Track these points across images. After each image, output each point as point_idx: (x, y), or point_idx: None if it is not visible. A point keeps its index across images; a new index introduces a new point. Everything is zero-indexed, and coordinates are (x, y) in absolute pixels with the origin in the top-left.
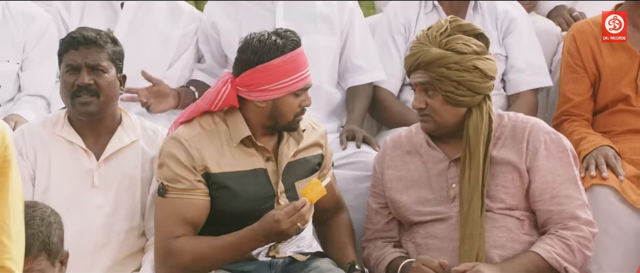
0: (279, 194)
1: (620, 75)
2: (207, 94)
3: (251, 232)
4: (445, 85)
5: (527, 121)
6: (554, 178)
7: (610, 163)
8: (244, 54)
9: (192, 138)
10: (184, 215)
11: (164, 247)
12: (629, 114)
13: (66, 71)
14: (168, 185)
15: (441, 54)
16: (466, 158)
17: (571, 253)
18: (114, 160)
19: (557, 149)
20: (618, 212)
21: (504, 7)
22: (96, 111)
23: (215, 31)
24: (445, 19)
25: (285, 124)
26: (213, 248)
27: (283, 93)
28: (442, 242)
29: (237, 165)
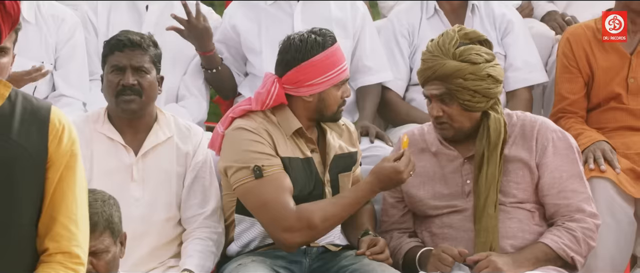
0: (325, 182)
1: (611, 75)
2: (258, 96)
3: (369, 185)
4: (463, 95)
5: (536, 120)
6: (561, 174)
7: (607, 157)
8: (288, 54)
9: (258, 126)
10: (288, 187)
11: (290, 217)
12: (621, 111)
13: (111, 71)
14: (263, 166)
15: (458, 66)
16: (484, 157)
17: (577, 244)
18: (151, 155)
19: (564, 147)
20: (614, 203)
21: (500, 10)
22: (138, 109)
23: (235, 33)
24: (453, 29)
25: (330, 115)
26: (338, 206)
27: (327, 86)
28: (457, 232)
29: (292, 153)
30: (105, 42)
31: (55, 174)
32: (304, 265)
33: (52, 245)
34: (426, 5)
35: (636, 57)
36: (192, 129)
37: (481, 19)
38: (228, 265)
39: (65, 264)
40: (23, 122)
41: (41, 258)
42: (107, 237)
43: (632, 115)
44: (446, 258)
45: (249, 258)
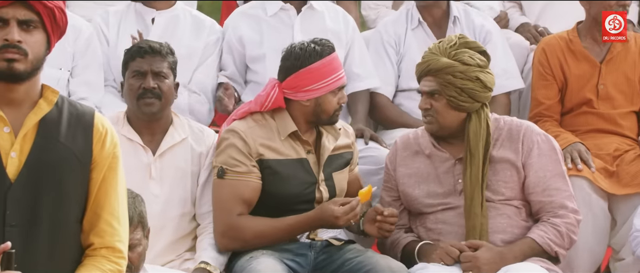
0: (319, 181)
1: (583, 82)
2: (258, 98)
3: (308, 219)
4: (450, 91)
5: (521, 124)
6: (545, 173)
7: (583, 157)
8: (288, 60)
9: (247, 130)
10: (241, 195)
11: (227, 223)
12: (592, 115)
13: (133, 76)
14: (227, 169)
15: (449, 63)
16: (467, 159)
17: (561, 238)
18: (168, 155)
19: (548, 148)
20: (591, 199)
21: (480, 21)
22: (158, 111)
23: (240, 45)
24: (456, 35)
25: (326, 119)
26: (273, 228)
27: (324, 91)
28: (451, 227)
29: (286, 154)
30: (127, 50)
31: (99, 174)
32: (309, 257)
33: (96, 240)
34: (411, 17)
35: (605, 66)
36: (205, 131)
37: (462, 30)
38: (240, 257)
39: (109, 258)
40: (69, 126)
41: (86, 252)
42: (139, 231)
43: (602, 119)
44: (453, 251)
45: (259, 251)
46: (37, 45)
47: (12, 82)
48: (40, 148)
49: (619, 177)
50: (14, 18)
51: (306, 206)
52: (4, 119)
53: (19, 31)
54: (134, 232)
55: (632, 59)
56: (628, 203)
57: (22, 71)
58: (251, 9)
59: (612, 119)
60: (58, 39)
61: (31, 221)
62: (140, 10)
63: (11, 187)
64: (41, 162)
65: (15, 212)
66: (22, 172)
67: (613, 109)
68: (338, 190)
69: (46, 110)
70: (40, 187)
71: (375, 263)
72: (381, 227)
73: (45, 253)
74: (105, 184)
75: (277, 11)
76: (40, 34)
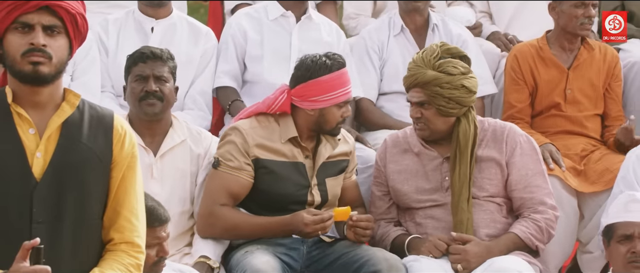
0: (312, 185)
1: (552, 87)
2: (267, 100)
3: (281, 222)
4: (438, 101)
5: (505, 126)
6: (527, 171)
7: (554, 157)
8: (300, 70)
9: (249, 129)
10: (229, 188)
11: (208, 209)
12: (560, 118)
13: (135, 80)
14: (222, 161)
15: (436, 75)
16: (456, 158)
17: (541, 233)
18: (168, 156)
19: (529, 149)
20: (562, 196)
21: (457, 31)
22: (159, 112)
23: (244, 39)
24: (436, 44)
25: (328, 130)
26: (247, 224)
27: (329, 104)
28: (438, 222)
29: (283, 157)
30: (129, 56)
31: (119, 173)
32: (302, 252)
33: (117, 235)
34: (393, 24)
35: (572, 72)
36: (202, 133)
37: (440, 37)
38: (236, 251)
39: (129, 252)
40: (91, 127)
41: (107, 247)
42: (166, 228)
43: (570, 121)
44: (441, 245)
45: (254, 246)
46: (61, 50)
47: (37, 85)
48: (64, 149)
49: (586, 176)
50: (39, 23)
51: (297, 207)
52: (30, 121)
53: (44, 36)
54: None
55: (596, 66)
56: (595, 199)
57: (46, 74)
58: (254, 12)
59: (579, 121)
60: (79, 44)
61: (56, 218)
62: (139, 19)
63: (37, 186)
64: (65, 162)
65: (41, 209)
66: (47, 171)
67: (579, 112)
68: (330, 195)
69: (69, 112)
70: (64, 185)
71: (372, 254)
72: (355, 231)
73: (69, 248)
74: (124, 183)
75: (278, 17)
76: (63, 39)
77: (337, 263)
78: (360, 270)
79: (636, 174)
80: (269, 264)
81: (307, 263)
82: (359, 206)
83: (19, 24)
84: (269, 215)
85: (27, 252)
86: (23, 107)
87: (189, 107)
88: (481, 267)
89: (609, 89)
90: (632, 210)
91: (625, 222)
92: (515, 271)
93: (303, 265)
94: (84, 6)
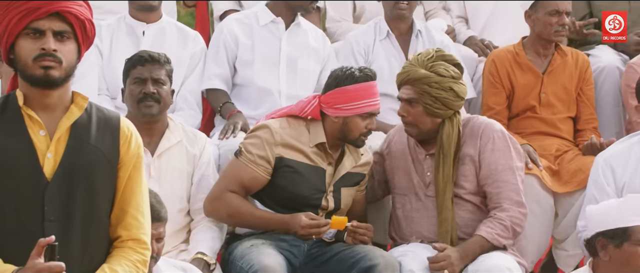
0: (328, 192)
1: (528, 90)
2: (300, 103)
3: (280, 220)
4: (425, 99)
5: (482, 122)
6: (497, 166)
7: (532, 158)
8: (330, 78)
9: (279, 128)
10: (241, 178)
11: (218, 192)
12: (535, 120)
13: (134, 82)
14: (244, 152)
15: (426, 74)
16: (440, 159)
17: (507, 231)
18: (165, 156)
19: (502, 144)
20: (539, 195)
21: (439, 37)
22: (157, 113)
23: (235, 44)
24: (433, 49)
25: (352, 140)
26: (249, 214)
27: (352, 113)
28: (422, 217)
29: (307, 159)
30: (128, 59)
31: (126, 173)
32: (302, 249)
33: (124, 233)
34: (379, 29)
35: (547, 76)
36: (197, 134)
37: (423, 43)
38: (240, 243)
39: (135, 249)
40: (98, 129)
41: (114, 244)
42: (163, 225)
43: (544, 123)
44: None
45: (259, 240)
46: (70, 54)
47: (48, 88)
48: (73, 150)
49: (560, 176)
50: (49, 29)
51: (311, 210)
52: (40, 123)
53: (54, 41)
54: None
55: (569, 71)
56: (569, 198)
57: (57, 78)
58: (245, 18)
59: (553, 123)
60: (87, 49)
61: (66, 216)
62: (131, 23)
63: (48, 186)
64: (74, 162)
65: (52, 208)
66: (58, 171)
67: (553, 115)
68: (343, 204)
69: (77, 114)
70: (74, 185)
71: (369, 250)
72: (354, 237)
73: (79, 245)
74: (131, 182)
75: (268, 23)
76: (72, 44)
77: (334, 259)
78: (357, 265)
79: (606, 177)
80: (276, 260)
81: (306, 261)
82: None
83: (30, 30)
84: (281, 211)
85: (42, 249)
86: (34, 109)
87: (180, 106)
88: (472, 265)
89: (581, 92)
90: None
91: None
92: (505, 268)
93: (302, 262)
94: (91, 12)
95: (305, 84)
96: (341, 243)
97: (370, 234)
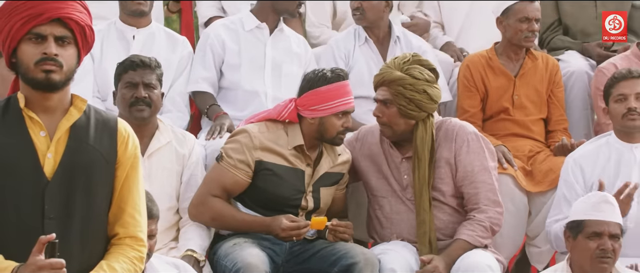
0: (307, 192)
1: (501, 93)
2: (277, 107)
3: (261, 222)
4: (400, 100)
5: (456, 124)
6: (472, 168)
7: (507, 158)
8: (303, 81)
9: (257, 133)
10: (223, 182)
11: (201, 197)
12: (509, 122)
13: (125, 86)
14: (224, 157)
15: (401, 76)
16: (415, 161)
17: (487, 232)
18: (155, 156)
19: (477, 146)
20: (514, 194)
21: (417, 43)
22: (148, 117)
23: (222, 48)
24: (410, 53)
25: (329, 139)
26: (232, 217)
27: (326, 113)
28: (402, 219)
29: (286, 162)
30: (120, 63)
31: (123, 173)
32: (285, 247)
33: (121, 230)
34: (358, 35)
35: (519, 79)
36: (186, 135)
37: (401, 48)
38: (223, 242)
39: (133, 246)
40: (97, 130)
41: (112, 242)
42: (155, 223)
43: (517, 125)
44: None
45: (241, 238)
46: (70, 59)
47: (48, 91)
48: (73, 150)
49: (533, 176)
50: (51, 34)
51: (291, 210)
52: (41, 124)
53: (56, 46)
54: (155, 224)
55: (540, 74)
56: (541, 197)
57: (57, 81)
58: (231, 24)
59: (525, 125)
60: (86, 53)
61: (66, 214)
62: (121, 28)
63: (48, 184)
64: (73, 162)
65: (52, 206)
66: (57, 171)
67: (526, 117)
68: (323, 203)
69: (76, 116)
70: (74, 184)
71: (350, 248)
72: (334, 235)
73: (78, 242)
74: (128, 181)
75: (253, 28)
76: (72, 49)
77: (315, 256)
78: (338, 263)
79: (575, 177)
80: (260, 258)
81: (288, 258)
82: (343, 217)
83: (32, 35)
84: (262, 213)
85: (43, 246)
86: (34, 111)
87: (168, 108)
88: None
89: (552, 95)
90: (603, 210)
91: (597, 220)
92: (486, 265)
93: (284, 259)
94: (91, 18)
95: (289, 87)
96: (322, 240)
97: (350, 232)
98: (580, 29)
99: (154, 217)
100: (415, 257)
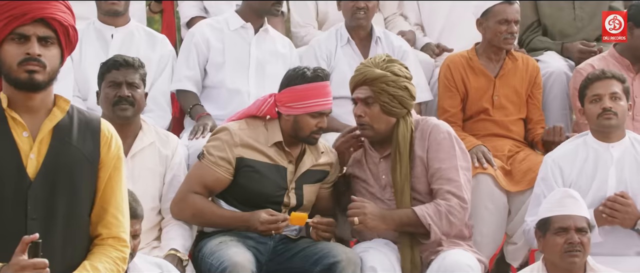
0: (289, 188)
1: (481, 94)
2: (257, 102)
3: (241, 217)
4: (383, 97)
5: (431, 123)
6: (441, 165)
7: (487, 157)
8: (284, 78)
9: (238, 130)
10: (204, 180)
11: (182, 194)
12: (489, 122)
13: (109, 86)
14: (206, 155)
15: (383, 73)
16: (396, 158)
17: (438, 216)
18: (139, 156)
19: (448, 145)
20: (494, 193)
21: (398, 42)
22: (131, 116)
23: (207, 47)
24: (384, 54)
25: (303, 138)
26: (212, 213)
27: (301, 111)
28: None
29: (267, 158)
30: (103, 63)
31: (106, 174)
32: (269, 246)
33: (104, 231)
34: (340, 36)
35: (499, 80)
36: (170, 136)
37: (383, 48)
38: (208, 241)
39: (115, 246)
40: (80, 131)
41: (95, 242)
42: (139, 223)
43: (497, 125)
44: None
45: (227, 236)
46: (54, 59)
47: (32, 91)
48: (56, 151)
49: (512, 175)
50: (34, 34)
51: (274, 207)
52: (23, 125)
53: (39, 46)
54: (139, 224)
55: (520, 75)
56: (520, 196)
57: (41, 81)
58: (216, 23)
59: (505, 125)
60: (69, 53)
61: (48, 215)
62: (100, 28)
63: (31, 185)
64: (56, 162)
65: (34, 206)
66: (40, 171)
67: (505, 117)
68: (306, 200)
69: (60, 117)
70: (56, 184)
71: (332, 247)
72: (316, 233)
73: (61, 243)
74: (111, 182)
75: (238, 28)
76: (56, 49)
77: (298, 255)
78: (320, 262)
79: (554, 175)
80: (246, 257)
81: (272, 257)
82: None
83: (15, 35)
84: (245, 210)
85: (26, 246)
86: (17, 111)
87: (150, 108)
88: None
89: (531, 95)
90: (567, 205)
91: (562, 215)
92: (466, 265)
93: (268, 258)
94: (74, 18)
95: (273, 87)
96: (305, 240)
97: (332, 230)
98: (558, 29)
99: (138, 217)
100: (397, 255)
